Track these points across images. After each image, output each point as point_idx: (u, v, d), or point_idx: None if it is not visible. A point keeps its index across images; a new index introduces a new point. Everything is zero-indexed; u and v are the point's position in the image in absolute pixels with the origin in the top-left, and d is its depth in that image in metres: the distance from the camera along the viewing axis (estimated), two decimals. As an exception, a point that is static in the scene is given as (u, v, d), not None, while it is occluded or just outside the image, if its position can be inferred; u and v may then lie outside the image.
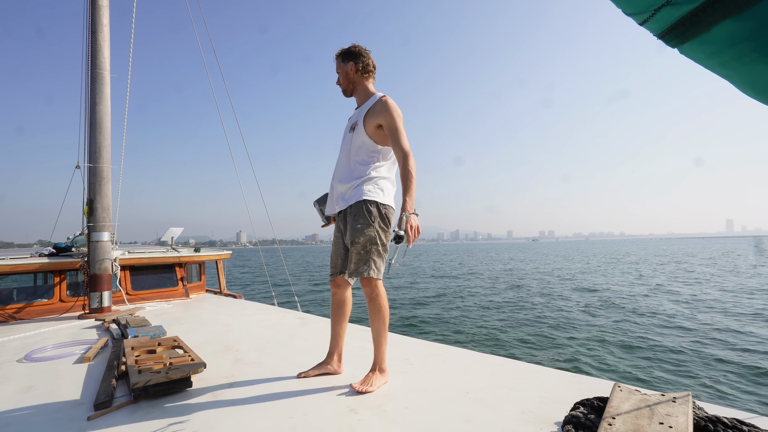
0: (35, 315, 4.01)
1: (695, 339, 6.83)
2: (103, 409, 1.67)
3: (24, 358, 2.51)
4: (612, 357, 6.01)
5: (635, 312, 9.36)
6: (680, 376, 5.20)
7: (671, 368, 5.48)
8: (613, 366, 5.63)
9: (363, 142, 1.92)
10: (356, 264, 1.84)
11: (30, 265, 3.96)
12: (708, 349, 6.26)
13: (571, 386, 1.81)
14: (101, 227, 4.06)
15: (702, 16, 0.52)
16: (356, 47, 2.02)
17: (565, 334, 7.43)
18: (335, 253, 2.01)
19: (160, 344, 2.36)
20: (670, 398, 1.37)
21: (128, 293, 4.60)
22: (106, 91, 4.19)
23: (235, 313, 4.05)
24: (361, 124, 1.92)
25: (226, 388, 1.90)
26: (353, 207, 1.88)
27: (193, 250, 5.47)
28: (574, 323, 8.30)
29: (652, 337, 7.05)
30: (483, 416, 1.54)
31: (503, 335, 7.48)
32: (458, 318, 9.19)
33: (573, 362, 5.84)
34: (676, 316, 8.70)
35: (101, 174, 4.10)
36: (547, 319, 8.82)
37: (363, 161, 1.91)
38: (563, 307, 10.30)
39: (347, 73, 2.01)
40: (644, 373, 5.32)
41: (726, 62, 0.55)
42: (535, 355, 6.22)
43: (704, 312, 9.15)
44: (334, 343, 2.05)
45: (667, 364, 5.63)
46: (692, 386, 4.83)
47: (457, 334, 7.74)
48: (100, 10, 4.18)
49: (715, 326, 7.69)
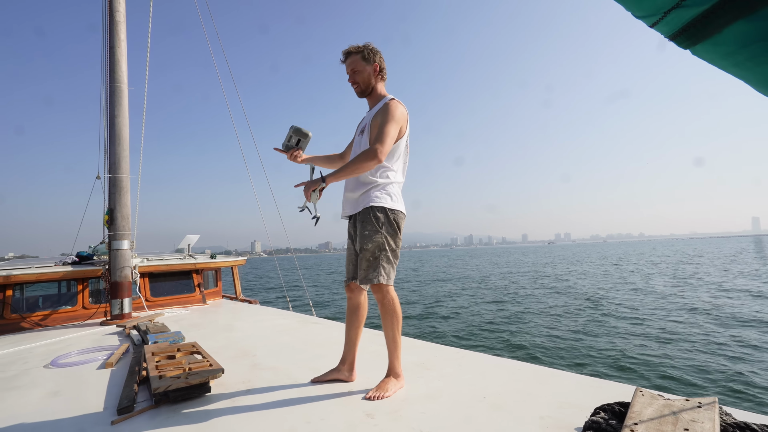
0: (60, 322, 4.14)
1: (722, 341, 6.60)
2: (125, 414, 1.72)
3: (50, 363, 2.59)
4: (633, 360, 5.85)
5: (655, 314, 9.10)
6: (706, 380, 5.02)
7: (696, 372, 5.30)
8: (634, 370, 5.48)
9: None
10: (366, 270, 1.84)
11: (54, 274, 4.10)
12: (736, 351, 6.03)
13: (591, 391, 1.77)
14: (121, 236, 4.18)
15: (713, 18, 0.51)
16: (375, 47, 1.93)
17: (584, 337, 7.28)
18: (348, 258, 2.01)
19: (179, 350, 2.41)
20: (695, 403, 1.33)
21: (148, 300, 4.71)
22: (125, 104, 4.32)
23: (251, 318, 4.10)
24: (368, 128, 1.90)
25: (244, 393, 1.93)
26: (361, 213, 1.88)
27: (209, 257, 5.58)
28: (593, 327, 8.13)
29: (675, 339, 6.85)
30: (500, 421, 1.52)
31: (521, 339, 7.37)
32: (475, 322, 9.09)
33: (593, 366, 5.71)
34: (699, 317, 8.43)
35: (121, 184, 4.22)
36: (566, 322, 8.65)
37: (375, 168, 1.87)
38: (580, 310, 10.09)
39: (370, 74, 1.91)
40: (667, 377, 5.17)
41: (740, 63, 0.54)
42: (554, 359, 6.11)
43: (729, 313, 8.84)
44: (347, 349, 2.03)
45: (692, 368, 5.45)
46: (719, 391, 4.66)
47: (474, 337, 7.66)
48: (118, 26, 4.33)
49: (743, 327, 7.42)
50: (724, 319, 8.26)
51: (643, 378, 5.18)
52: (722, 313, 8.86)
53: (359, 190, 1.89)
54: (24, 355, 2.91)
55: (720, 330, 7.36)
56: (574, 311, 9.85)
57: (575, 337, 7.30)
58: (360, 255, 1.87)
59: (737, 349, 6.14)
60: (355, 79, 1.91)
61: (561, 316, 9.24)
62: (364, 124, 1.97)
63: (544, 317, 9.25)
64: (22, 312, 4.02)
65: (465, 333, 8.03)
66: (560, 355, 6.31)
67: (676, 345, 6.49)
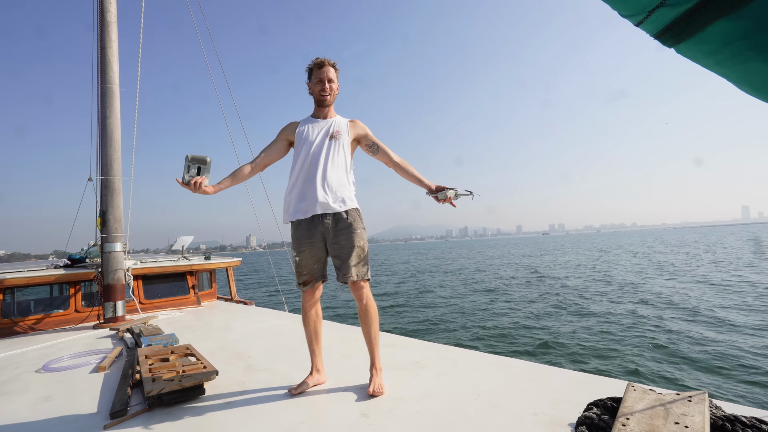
0: (52, 326, 4.09)
1: (711, 336, 6.69)
2: (118, 418, 1.70)
3: (42, 368, 2.56)
4: (625, 356, 5.91)
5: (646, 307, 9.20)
6: (696, 374, 5.09)
7: (686, 367, 5.37)
8: (626, 366, 5.53)
9: (346, 151, 2.04)
10: (357, 267, 1.91)
11: (46, 277, 4.05)
12: (724, 345, 6.12)
13: (584, 387, 1.79)
14: (114, 238, 4.14)
15: (696, 17, 0.52)
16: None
17: (576, 333, 7.33)
18: (310, 258, 1.96)
19: (173, 352, 2.39)
20: (685, 397, 1.35)
21: (141, 302, 4.67)
22: (116, 105, 4.28)
23: (246, 319, 4.08)
24: (346, 136, 2.04)
25: (238, 394, 1.92)
26: (350, 213, 1.96)
27: (204, 258, 5.54)
28: (586, 322, 8.19)
29: (666, 335, 6.92)
30: (495, 418, 1.53)
31: (514, 336, 7.41)
32: (468, 319, 9.13)
33: (585, 362, 5.75)
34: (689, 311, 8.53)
35: (113, 186, 4.18)
36: (559, 318, 8.71)
37: (347, 169, 2.03)
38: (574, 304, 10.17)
39: (337, 86, 2.07)
40: (658, 372, 5.23)
41: (722, 61, 0.55)
42: (547, 356, 6.15)
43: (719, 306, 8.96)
44: (317, 355, 2.05)
45: (683, 363, 5.52)
46: (709, 385, 4.73)
47: (468, 335, 7.69)
48: (109, 27, 4.28)
49: (732, 322, 7.53)
50: (713, 314, 8.36)
51: (634, 374, 5.23)
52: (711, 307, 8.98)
53: (338, 188, 1.97)
54: (15, 359, 2.87)
55: (710, 325, 7.45)
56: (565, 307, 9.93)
57: (567, 333, 7.35)
58: (352, 252, 1.91)
59: (727, 343, 6.23)
60: (332, 87, 2.03)
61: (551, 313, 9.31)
62: (331, 129, 2.03)
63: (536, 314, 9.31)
64: (13, 316, 3.97)
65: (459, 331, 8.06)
66: (553, 351, 6.35)
67: (668, 340, 6.57)
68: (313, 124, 2.05)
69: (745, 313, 8.28)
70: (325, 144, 2.00)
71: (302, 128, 2.04)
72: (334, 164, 1.97)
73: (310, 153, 1.97)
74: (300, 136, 2.03)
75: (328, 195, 1.93)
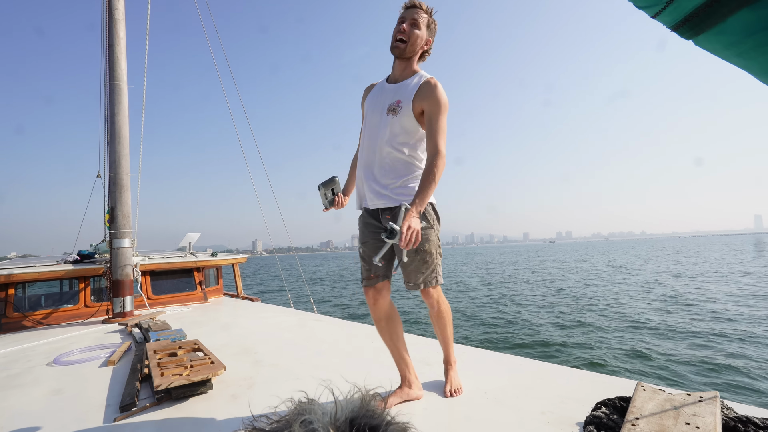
0: (62, 320, 4.15)
1: (723, 335, 6.60)
2: (128, 411, 1.72)
3: (53, 361, 2.60)
4: (634, 355, 5.85)
5: (657, 308, 9.11)
6: (708, 375, 5.03)
7: (698, 367, 5.31)
8: (635, 365, 5.48)
9: (408, 127, 1.56)
10: (426, 273, 1.60)
11: (56, 272, 4.11)
12: (737, 345, 6.03)
13: (592, 386, 1.77)
14: (122, 234, 4.18)
15: (717, 7, 0.50)
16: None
17: (585, 333, 7.28)
18: (372, 254, 1.63)
19: (181, 347, 2.41)
20: (696, 398, 1.33)
21: (149, 298, 4.72)
22: (124, 102, 4.31)
23: (252, 315, 4.11)
24: (409, 106, 1.54)
25: (246, 389, 1.93)
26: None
27: (210, 255, 5.58)
28: (594, 322, 8.13)
29: (677, 334, 6.85)
30: (502, 416, 1.52)
31: (523, 335, 7.38)
32: (477, 318, 9.11)
33: (594, 361, 5.71)
34: (701, 311, 8.43)
35: (121, 183, 4.22)
36: (567, 318, 8.66)
37: (411, 151, 1.59)
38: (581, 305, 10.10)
39: (422, 36, 1.57)
40: (668, 371, 5.17)
41: (744, 52, 0.53)
42: (555, 355, 6.11)
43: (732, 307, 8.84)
44: (402, 364, 1.73)
45: (693, 363, 5.46)
46: (721, 385, 4.67)
47: (476, 333, 7.67)
48: (117, 24, 4.31)
49: (744, 321, 7.42)
50: (725, 314, 8.25)
51: (644, 373, 5.18)
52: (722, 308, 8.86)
53: (400, 177, 1.58)
54: (27, 353, 2.92)
55: (722, 325, 7.35)
56: (574, 308, 9.86)
57: (576, 332, 7.30)
58: (417, 255, 1.58)
59: (739, 343, 6.14)
60: (409, 33, 1.54)
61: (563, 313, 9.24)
62: (391, 100, 1.59)
63: (543, 314, 9.26)
64: (24, 311, 4.04)
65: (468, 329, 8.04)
66: (561, 350, 6.32)
67: (678, 340, 6.50)
68: (377, 95, 1.67)
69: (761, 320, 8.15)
70: (381, 120, 1.61)
71: (369, 100, 1.70)
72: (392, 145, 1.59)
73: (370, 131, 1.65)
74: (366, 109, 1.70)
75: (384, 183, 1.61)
